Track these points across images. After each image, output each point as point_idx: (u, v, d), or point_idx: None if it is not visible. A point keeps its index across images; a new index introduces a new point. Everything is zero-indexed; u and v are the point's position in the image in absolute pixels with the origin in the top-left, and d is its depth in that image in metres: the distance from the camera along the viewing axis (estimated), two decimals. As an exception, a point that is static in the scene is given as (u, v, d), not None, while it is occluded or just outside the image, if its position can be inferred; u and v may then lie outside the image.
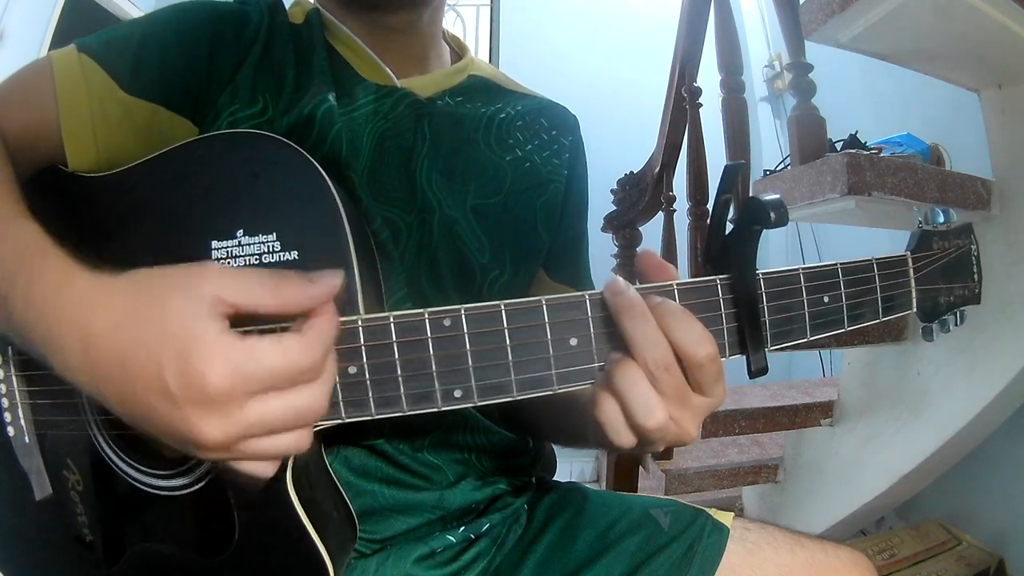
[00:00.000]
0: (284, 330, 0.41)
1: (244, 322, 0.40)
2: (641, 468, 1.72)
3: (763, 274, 0.48)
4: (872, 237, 1.87)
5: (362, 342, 0.44)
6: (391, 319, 0.44)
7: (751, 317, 0.47)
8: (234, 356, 0.36)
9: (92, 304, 0.39)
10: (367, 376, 0.44)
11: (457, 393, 0.45)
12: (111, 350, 0.38)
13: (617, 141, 2.37)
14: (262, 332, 0.39)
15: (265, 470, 0.41)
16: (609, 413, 0.44)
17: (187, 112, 0.59)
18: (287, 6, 0.68)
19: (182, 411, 0.36)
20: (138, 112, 0.57)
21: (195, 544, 0.52)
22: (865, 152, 1.25)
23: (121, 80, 0.57)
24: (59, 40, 2.38)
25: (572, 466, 3.08)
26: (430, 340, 0.44)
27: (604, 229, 1.89)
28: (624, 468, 1.71)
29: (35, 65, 0.59)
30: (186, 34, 0.59)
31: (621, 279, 0.46)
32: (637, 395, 0.43)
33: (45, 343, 0.41)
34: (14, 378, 0.54)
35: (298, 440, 0.40)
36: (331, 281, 0.41)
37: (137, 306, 0.38)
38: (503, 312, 0.45)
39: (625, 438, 0.45)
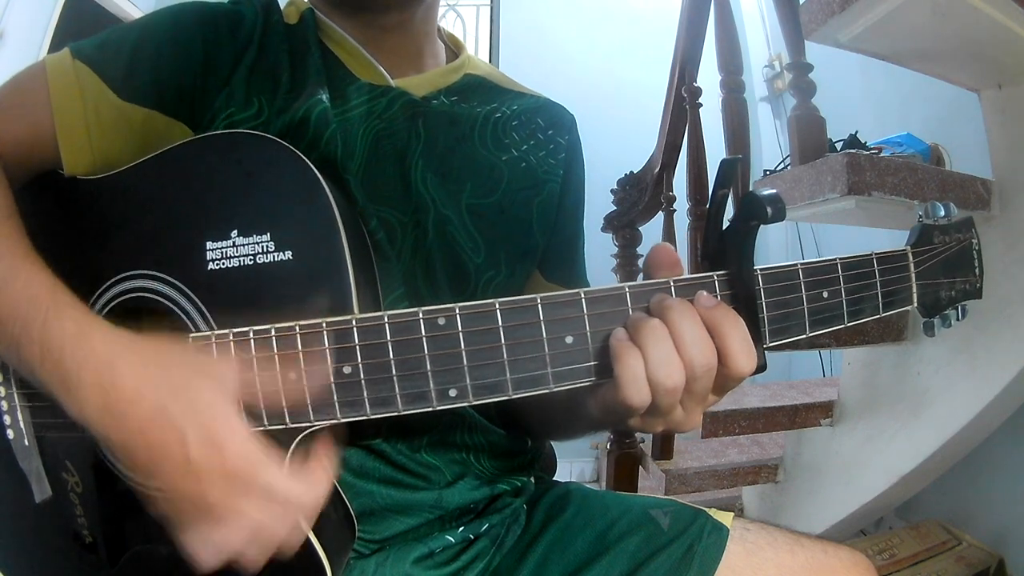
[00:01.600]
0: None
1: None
2: (641, 468, 1.72)
3: (761, 270, 0.48)
4: (872, 237, 1.87)
5: (356, 342, 0.44)
6: (385, 318, 0.44)
7: (749, 313, 0.46)
8: (254, 448, 0.41)
9: (113, 368, 0.42)
10: (362, 376, 0.44)
11: (452, 392, 0.45)
12: (135, 412, 0.41)
13: (617, 141, 2.37)
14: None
15: (212, 561, 0.43)
16: (631, 366, 0.44)
17: (183, 116, 0.59)
18: (282, 6, 0.67)
19: (195, 474, 0.40)
20: (133, 117, 0.57)
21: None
22: (865, 152, 1.25)
23: (115, 85, 0.57)
24: (59, 40, 2.38)
25: (572, 466, 3.08)
26: (424, 339, 0.44)
27: (604, 229, 1.88)
28: (624, 468, 1.71)
29: (29, 71, 0.59)
30: (180, 37, 0.59)
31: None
32: (661, 350, 0.43)
33: (61, 393, 0.43)
34: (13, 381, 0.54)
35: (257, 556, 0.43)
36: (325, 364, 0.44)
37: (164, 379, 0.42)
38: (498, 311, 0.45)
39: (641, 394, 0.44)
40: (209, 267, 0.48)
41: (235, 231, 0.48)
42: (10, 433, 0.54)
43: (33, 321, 0.45)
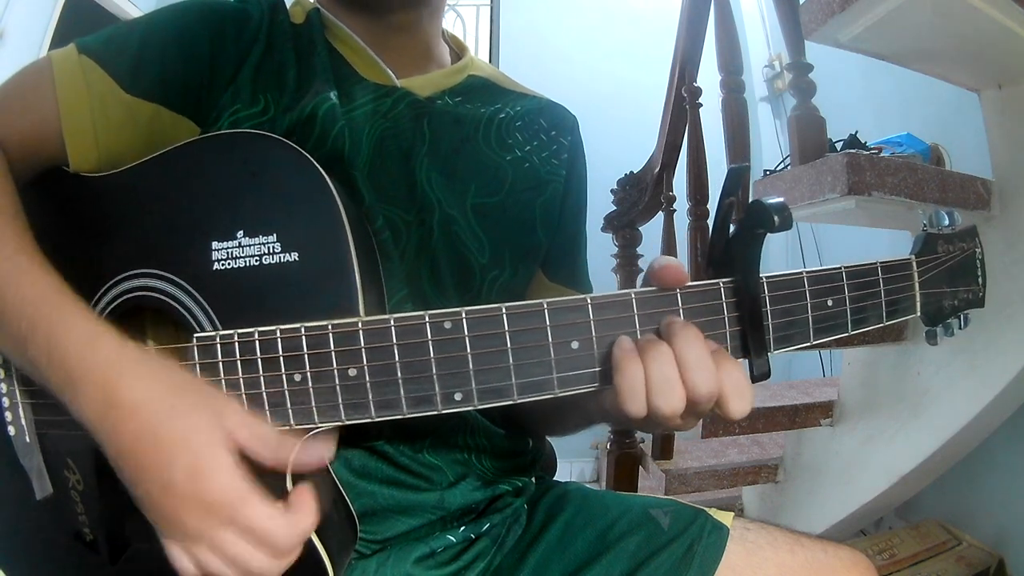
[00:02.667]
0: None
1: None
2: (641, 468, 1.72)
3: (767, 277, 0.48)
4: (872, 237, 1.87)
5: (362, 344, 0.44)
6: (391, 321, 0.44)
7: (754, 321, 0.47)
8: (238, 486, 0.41)
9: (119, 378, 0.43)
10: (367, 378, 0.44)
11: (457, 396, 0.45)
12: (130, 426, 0.42)
13: (617, 141, 2.37)
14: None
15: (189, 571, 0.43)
16: (631, 379, 0.44)
17: (189, 112, 0.59)
18: (288, 5, 0.67)
19: (176, 499, 0.41)
20: (140, 112, 0.57)
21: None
22: (865, 152, 1.25)
23: (122, 80, 0.57)
24: (59, 40, 2.38)
25: (572, 466, 3.08)
26: (430, 343, 0.44)
27: (604, 229, 1.88)
28: (624, 468, 1.71)
29: (34, 66, 0.59)
30: (187, 33, 0.59)
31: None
32: (664, 374, 0.44)
33: (64, 395, 0.44)
34: (15, 378, 0.54)
35: None
36: (322, 451, 0.46)
37: (164, 400, 0.43)
38: (504, 315, 0.45)
39: (640, 408, 0.44)
40: (215, 267, 0.48)
41: (241, 231, 0.48)
42: (11, 430, 0.54)
43: (40, 321, 0.45)
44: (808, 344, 0.50)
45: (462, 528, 0.65)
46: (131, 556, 0.54)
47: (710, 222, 1.40)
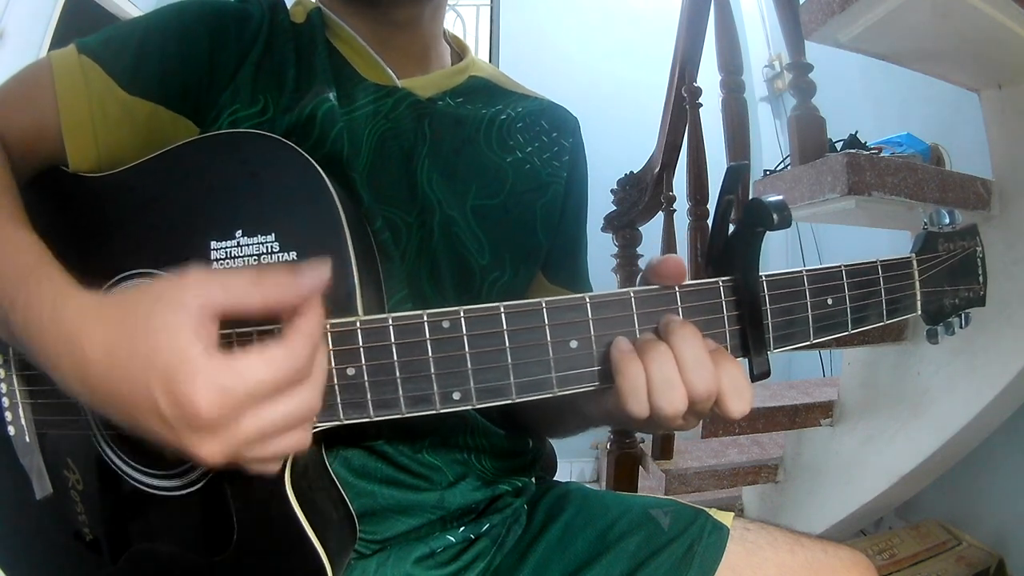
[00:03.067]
0: (269, 333, 0.42)
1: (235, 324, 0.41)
2: (641, 468, 1.72)
3: (766, 276, 0.48)
4: (872, 237, 1.87)
5: (360, 343, 0.44)
6: (390, 321, 0.44)
7: (754, 320, 0.47)
8: (220, 378, 0.37)
9: (83, 333, 0.40)
10: (366, 378, 0.44)
11: (456, 395, 0.45)
12: (106, 379, 0.39)
13: (617, 141, 2.37)
14: (246, 336, 0.43)
15: (270, 468, 0.42)
16: (635, 379, 0.44)
17: (188, 111, 0.59)
18: (288, 5, 0.67)
19: (179, 434, 0.38)
20: (138, 112, 0.57)
21: (194, 544, 0.52)
22: (865, 152, 1.25)
23: (121, 80, 0.57)
24: (59, 40, 2.38)
25: (572, 466, 3.08)
26: (429, 342, 0.44)
27: (604, 229, 1.88)
28: (624, 468, 1.71)
29: (35, 66, 0.59)
30: (186, 33, 0.59)
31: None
32: (665, 374, 0.44)
33: (45, 366, 0.43)
34: (15, 378, 0.54)
35: (298, 440, 0.41)
36: (317, 273, 0.40)
37: (124, 332, 0.39)
38: (502, 314, 0.45)
39: (641, 407, 0.44)
40: (213, 267, 0.48)
41: (239, 231, 0.48)
42: (11, 430, 0.54)
43: (19, 288, 0.44)
44: (808, 343, 0.50)
45: (462, 528, 0.65)
46: (131, 556, 0.54)
47: (710, 222, 1.40)
